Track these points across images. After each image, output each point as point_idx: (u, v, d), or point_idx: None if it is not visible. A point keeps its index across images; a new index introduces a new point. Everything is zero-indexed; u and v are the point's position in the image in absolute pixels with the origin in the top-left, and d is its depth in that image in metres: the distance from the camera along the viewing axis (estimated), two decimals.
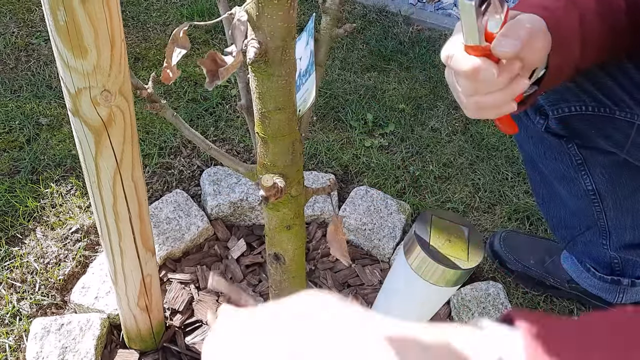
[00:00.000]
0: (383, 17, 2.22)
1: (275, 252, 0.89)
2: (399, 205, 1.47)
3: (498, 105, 0.61)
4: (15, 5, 2.01)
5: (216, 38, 2.01)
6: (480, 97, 0.61)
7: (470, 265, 0.74)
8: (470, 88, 0.61)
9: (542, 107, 0.97)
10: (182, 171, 1.53)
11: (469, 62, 0.57)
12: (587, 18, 0.70)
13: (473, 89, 0.60)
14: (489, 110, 0.62)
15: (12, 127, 1.58)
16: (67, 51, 0.62)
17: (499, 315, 1.26)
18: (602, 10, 0.72)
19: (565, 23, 0.68)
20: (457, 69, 0.59)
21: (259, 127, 0.74)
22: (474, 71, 0.57)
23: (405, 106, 1.83)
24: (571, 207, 1.19)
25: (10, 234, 1.34)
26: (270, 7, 0.59)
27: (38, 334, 1.12)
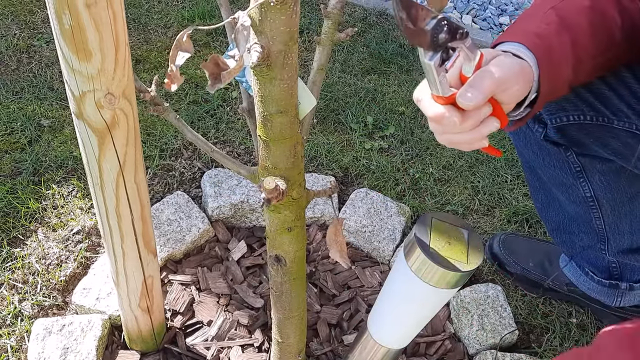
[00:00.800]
0: (383, 20, 2.23)
1: (276, 254, 0.89)
2: (398, 208, 1.48)
3: (469, 143, 0.63)
4: (17, 7, 2.02)
5: (217, 40, 2.01)
6: (450, 136, 0.63)
7: (469, 267, 0.75)
8: (438, 129, 0.63)
9: (541, 116, 0.98)
10: (183, 173, 1.54)
11: (433, 109, 0.60)
12: (580, 40, 0.72)
13: (441, 130, 0.63)
14: (461, 146, 0.64)
15: (14, 129, 1.59)
16: (71, 54, 0.63)
17: (498, 317, 1.27)
18: (594, 31, 0.73)
19: (557, 48, 0.69)
20: (424, 113, 0.62)
21: (260, 130, 0.74)
22: (437, 118, 0.59)
23: (405, 109, 1.84)
24: (569, 212, 1.20)
25: (12, 235, 1.35)
26: (273, 12, 0.60)
27: (40, 335, 1.13)
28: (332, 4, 0.80)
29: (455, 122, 0.59)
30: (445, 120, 0.59)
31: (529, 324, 1.33)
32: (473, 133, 0.61)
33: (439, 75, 0.58)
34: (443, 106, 0.59)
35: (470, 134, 0.62)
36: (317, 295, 1.32)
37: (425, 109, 0.61)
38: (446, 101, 0.60)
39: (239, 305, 1.28)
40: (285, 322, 0.99)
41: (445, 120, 0.59)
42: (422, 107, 0.62)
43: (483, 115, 0.60)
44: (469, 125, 0.60)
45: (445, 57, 0.58)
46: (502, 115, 0.62)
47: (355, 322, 1.29)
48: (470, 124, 0.60)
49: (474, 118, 0.60)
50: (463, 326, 1.27)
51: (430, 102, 0.60)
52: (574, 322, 1.34)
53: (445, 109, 0.59)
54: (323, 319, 1.28)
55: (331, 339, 1.26)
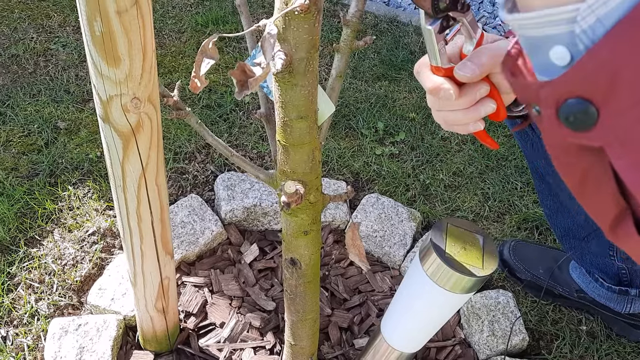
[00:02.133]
0: (394, 27, 2.24)
1: (292, 257, 0.91)
2: (409, 213, 1.49)
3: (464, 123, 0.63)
4: (34, 11, 2.06)
5: (230, 46, 2.04)
6: (445, 114, 0.64)
7: (485, 272, 0.76)
8: (435, 103, 0.64)
9: None
10: (196, 176, 1.56)
11: (430, 80, 0.60)
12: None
13: (438, 105, 0.64)
14: (456, 127, 0.65)
15: (31, 131, 1.61)
16: (101, 60, 0.65)
17: (509, 323, 1.28)
18: None
19: None
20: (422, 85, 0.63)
21: (280, 135, 0.76)
22: (434, 90, 0.60)
23: (416, 115, 1.85)
24: (578, 218, 1.20)
25: (29, 235, 1.37)
26: (297, 21, 0.62)
27: (56, 334, 1.14)
28: (351, 12, 0.82)
29: (452, 95, 0.59)
30: (442, 92, 0.59)
31: (538, 330, 1.34)
32: (469, 112, 0.62)
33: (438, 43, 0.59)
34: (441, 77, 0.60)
35: (466, 113, 0.62)
36: (328, 299, 1.33)
37: (423, 80, 0.62)
38: (445, 74, 0.61)
39: (251, 307, 1.29)
40: (298, 324, 1.00)
41: (442, 92, 0.59)
42: (421, 79, 0.63)
43: (480, 95, 0.60)
44: (465, 102, 0.61)
45: (445, 26, 0.59)
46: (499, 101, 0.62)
47: (366, 326, 1.30)
48: (466, 100, 0.60)
49: (470, 95, 0.60)
50: (473, 332, 1.28)
51: (429, 73, 0.61)
52: (584, 330, 1.35)
53: (442, 80, 0.59)
54: (334, 322, 1.29)
55: (342, 342, 1.27)
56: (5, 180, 1.46)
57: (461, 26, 0.60)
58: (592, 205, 0.38)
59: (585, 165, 0.36)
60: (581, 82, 0.33)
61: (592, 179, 0.36)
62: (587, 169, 0.36)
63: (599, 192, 0.36)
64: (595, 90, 0.32)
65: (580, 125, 0.33)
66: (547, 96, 0.35)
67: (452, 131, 0.67)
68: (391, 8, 2.41)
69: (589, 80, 0.32)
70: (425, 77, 0.61)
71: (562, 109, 0.34)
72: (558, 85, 0.34)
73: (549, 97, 0.35)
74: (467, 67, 0.59)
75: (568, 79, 0.33)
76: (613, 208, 0.36)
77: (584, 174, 0.37)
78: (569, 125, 0.34)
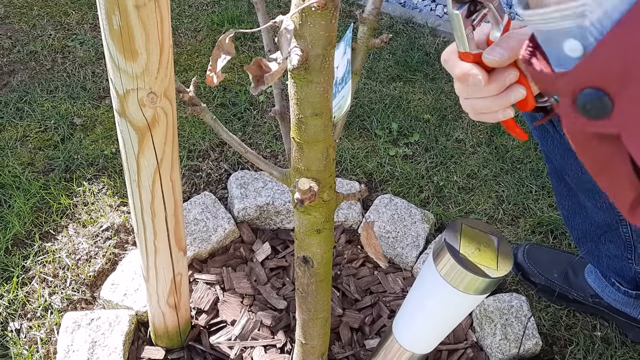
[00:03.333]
0: (410, 29, 2.24)
1: (304, 255, 0.91)
2: (422, 215, 1.48)
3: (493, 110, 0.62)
4: (52, 9, 2.08)
5: (245, 45, 2.04)
6: (474, 101, 0.63)
7: (499, 274, 0.75)
8: (463, 91, 0.63)
9: None
10: (210, 174, 1.57)
11: (459, 67, 0.59)
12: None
13: (466, 92, 0.63)
14: (484, 115, 0.64)
15: (48, 127, 1.63)
16: (118, 54, 0.65)
17: (522, 327, 1.26)
18: None
19: None
20: (450, 72, 0.62)
21: (295, 132, 0.76)
22: (463, 76, 0.59)
23: (430, 116, 1.84)
24: (596, 219, 1.19)
25: (44, 229, 1.38)
26: (313, 17, 0.62)
27: (69, 328, 1.15)
28: (368, 10, 0.82)
29: (480, 81, 0.58)
30: (471, 78, 0.58)
31: (552, 335, 1.32)
32: (498, 99, 0.61)
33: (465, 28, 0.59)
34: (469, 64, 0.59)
35: (495, 100, 0.61)
36: (339, 299, 1.33)
37: (452, 67, 0.61)
38: (473, 60, 0.60)
39: (262, 306, 1.29)
40: (309, 323, 1.00)
41: (470, 79, 0.58)
42: (448, 66, 0.62)
43: (509, 81, 0.59)
44: (494, 88, 0.60)
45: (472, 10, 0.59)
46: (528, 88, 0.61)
47: (377, 327, 1.29)
48: (495, 86, 0.60)
49: (499, 81, 0.59)
50: (486, 335, 1.26)
51: (457, 60, 0.61)
52: (598, 335, 1.33)
53: (471, 66, 0.59)
54: (345, 322, 1.28)
55: (353, 342, 1.26)
56: (22, 175, 1.48)
57: (488, 12, 0.59)
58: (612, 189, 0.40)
59: (604, 152, 0.38)
60: (594, 73, 0.34)
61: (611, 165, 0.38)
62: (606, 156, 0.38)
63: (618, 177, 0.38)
64: (608, 80, 0.34)
65: (597, 113, 0.35)
66: (563, 87, 0.37)
67: (481, 120, 0.66)
68: (407, 9, 2.40)
69: (601, 71, 0.34)
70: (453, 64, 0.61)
71: (579, 98, 0.35)
72: (573, 76, 0.36)
73: (566, 88, 0.36)
74: (496, 51, 0.58)
75: (581, 71, 0.35)
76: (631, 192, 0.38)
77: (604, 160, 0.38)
78: (585, 114, 0.36)
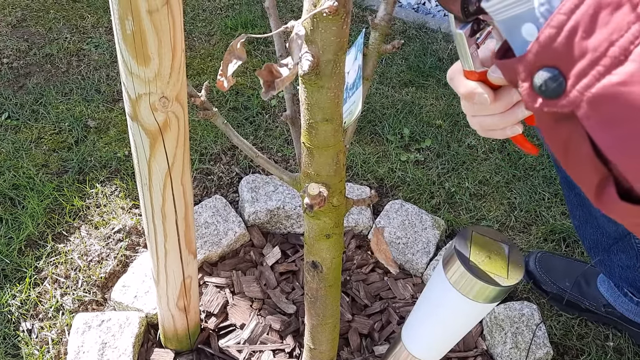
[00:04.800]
0: (422, 34, 2.23)
1: (313, 260, 0.91)
2: (433, 221, 1.48)
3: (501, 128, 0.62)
4: (68, 12, 2.10)
5: (258, 49, 2.05)
6: (481, 119, 0.63)
7: (510, 282, 0.74)
8: (470, 109, 0.63)
9: None
10: (221, 177, 1.57)
11: (464, 85, 0.59)
12: None
13: (473, 110, 0.63)
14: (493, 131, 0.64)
15: (62, 129, 1.65)
16: (131, 59, 0.66)
17: (533, 336, 1.25)
18: None
19: None
20: (456, 91, 0.62)
21: (305, 137, 0.76)
22: (469, 95, 0.59)
23: (443, 122, 1.84)
24: (607, 229, 1.18)
25: (57, 230, 1.39)
26: (325, 22, 0.62)
27: (80, 329, 1.16)
28: (379, 16, 0.82)
29: (486, 99, 0.58)
30: (477, 96, 0.58)
31: (563, 345, 1.31)
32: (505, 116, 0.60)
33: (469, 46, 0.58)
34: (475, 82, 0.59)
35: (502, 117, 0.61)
36: (348, 304, 1.33)
37: (457, 86, 0.61)
38: (478, 78, 0.60)
39: (271, 310, 1.29)
40: (318, 328, 0.99)
41: (476, 97, 0.58)
42: (454, 85, 0.62)
43: (516, 98, 0.59)
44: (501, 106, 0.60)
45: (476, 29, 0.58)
46: None
47: (387, 333, 1.29)
48: (502, 104, 0.59)
49: (506, 98, 0.59)
50: (496, 343, 1.25)
51: (462, 79, 0.60)
52: (611, 346, 1.31)
53: (476, 85, 0.59)
54: (354, 328, 1.28)
55: (362, 348, 1.26)
56: (36, 176, 1.50)
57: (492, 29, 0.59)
58: (577, 174, 0.39)
59: (565, 134, 0.37)
60: (545, 52, 0.35)
61: (572, 148, 0.37)
62: (567, 138, 0.37)
63: (580, 161, 0.38)
64: (558, 57, 0.34)
65: (552, 93, 0.35)
66: (522, 71, 0.37)
67: (489, 137, 0.65)
68: (420, 14, 2.40)
69: (551, 49, 0.35)
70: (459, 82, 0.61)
71: (535, 79, 0.36)
72: (527, 58, 0.36)
73: (524, 71, 0.37)
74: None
75: (534, 51, 0.36)
76: (595, 175, 0.37)
77: (566, 143, 0.38)
78: (542, 94, 0.36)
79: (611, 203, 0.37)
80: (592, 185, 0.38)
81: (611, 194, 0.37)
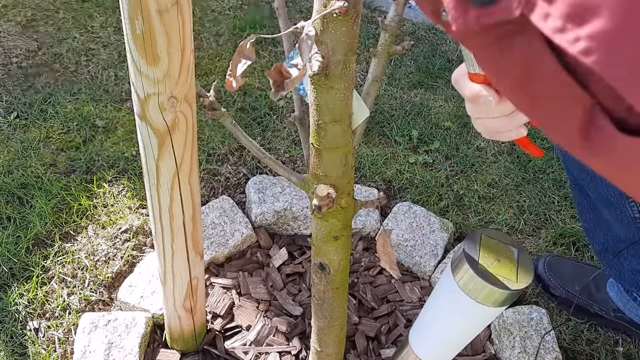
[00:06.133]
0: (432, 35, 2.22)
1: (320, 261, 0.90)
2: (441, 223, 1.47)
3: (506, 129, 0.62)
4: (78, 12, 2.11)
5: (266, 50, 2.05)
6: (486, 121, 0.62)
7: (519, 286, 0.73)
8: (475, 111, 0.62)
9: None
10: (228, 178, 1.57)
11: (469, 88, 0.59)
12: None
13: (478, 113, 0.62)
14: (498, 134, 0.63)
15: (70, 128, 1.65)
16: (140, 58, 0.65)
17: (541, 340, 1.24)
18: None
19: None
20: (461, 94, 0.61)
21: (314, 138, 0.75)
22: (474, 97, 0.58)
23: (451, 124, 1.83)
24: (618, 233, 1.16)
25: (64, 230, 1.39)
26: (335, 23, 0.61)
27: (86, 329, 1.16)
28: (390, 17, 0.81)
29: (491, 101, 0.57)
30: (482, 99, 0.58)
31: (572, 349, 1.30)
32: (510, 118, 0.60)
33: None
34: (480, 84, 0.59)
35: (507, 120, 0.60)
36: (355, 306, 1.32)
37: (462, 89, 0.61)
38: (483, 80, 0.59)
39: (277, 311, 1.29)
40: (325, 330, 0.99)
41: (481, 99, 0.58)
42: (459, 88, 0.62)
43: None
44: (506, 108, 0.59)
45: None
46: None
47: (394, 336, 1.28)
48: (507, 106, 0.59)
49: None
50: (504, 347, 1.24)
51: (467, 82, 0.60)
52: (620, 351, 1.30)
53: (481, 87, 0.58)
54: (361, 331, 1.27)
55: (368, 351, 1.25)
56: (44, 175, 1.50)
57: None
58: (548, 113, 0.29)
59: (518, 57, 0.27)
60: None
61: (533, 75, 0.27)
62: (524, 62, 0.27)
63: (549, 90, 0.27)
64: None
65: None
66: None
67: (494, 139, 0.65)
68: None
69: None
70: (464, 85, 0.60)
71: None
72: None
73: None
74: None
75: None
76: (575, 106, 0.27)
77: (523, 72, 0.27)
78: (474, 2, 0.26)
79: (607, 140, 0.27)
80: (573, 122, 0.27)
81: (606, 126, 0.26)
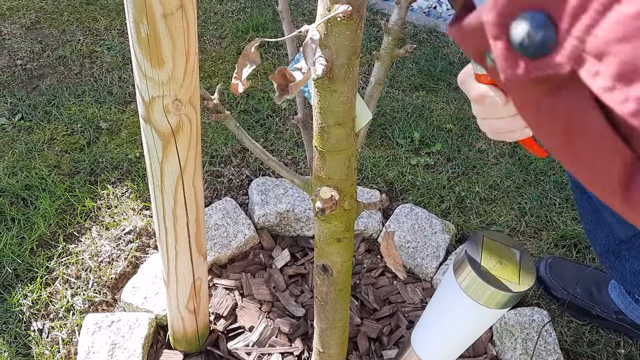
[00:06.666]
0: (433, 38, 2.23)
1: (323, 263, 0.91)
2: (443, 225, 1.47)
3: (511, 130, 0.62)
4: (82, 15, 2.12)
5: (269, 52, 2.06)
6: (491, 121, 0.62)
7: (521, 288, 0.74)
8: (481, 112, 0.62)
9: None
10: (231, 180, 1.58)
11: (475, 89, 0.59)
12: None
13: (484, 113, 0.62)
14: (502, 134, 0.63)
15: (74, 130, 1.66)
16: (145, 62, 0.66)
17: (543, 342, 1.24)
18: None
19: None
20: (467, 94, 0.61)
21: (317, 141, 0.76)
22: (480, 98, 0.58)
23: (453, 126, 1.83)
24: (619, 234, 1.17)
25: (68, 231, 1.40)
26: (339, 27, 0.62)
27: (90, 329, 1.17)
28: (393, 20, 0.82)
29: (498, 102, 0.57)
30: (488, 99, 0.58)
31: (574, 351, 1.30)
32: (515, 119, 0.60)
33: None
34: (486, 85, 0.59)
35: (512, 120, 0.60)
36: (357, 308, 1.32)
37: (468, 89, 0.61)
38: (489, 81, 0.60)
39: (280, 313, 1.29)
40: (327, 332, 0.99)
41: (487, 100, 0.58)
42: (465, 88, 0.62)
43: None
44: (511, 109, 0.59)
45: None
46: None
47: (395, 337, 1.28)
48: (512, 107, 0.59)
49: None
50: (506, 349, 1.25)
51: (473, 82, 0.60)
52: (622, 353, 1.30)
53: (487, 88, 0.58)
54: (363, 332, 1.28)
55: (370, 352, 1.26)
56: (48, 177, 1.51)
57: None
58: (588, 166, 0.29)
59: (563, 110, 0.27)
60: None
61: (577, 128, 0.27)
62: (568, 115, 0.27)
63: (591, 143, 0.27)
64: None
65: (539, 47, 0.25)
66: (491, 24, 0.27)
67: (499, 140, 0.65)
68: (431, 18, 2.40)
69: None
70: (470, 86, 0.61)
71: (513, 33, 0.26)
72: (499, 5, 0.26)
73: (494, 24, 0.27)
74: None
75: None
76: (616, 160, 0.27)
77: (567, 123, 0.28)
78: (525, 53, 0.26)
79: None
80: (613, 176, 0.28)
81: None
